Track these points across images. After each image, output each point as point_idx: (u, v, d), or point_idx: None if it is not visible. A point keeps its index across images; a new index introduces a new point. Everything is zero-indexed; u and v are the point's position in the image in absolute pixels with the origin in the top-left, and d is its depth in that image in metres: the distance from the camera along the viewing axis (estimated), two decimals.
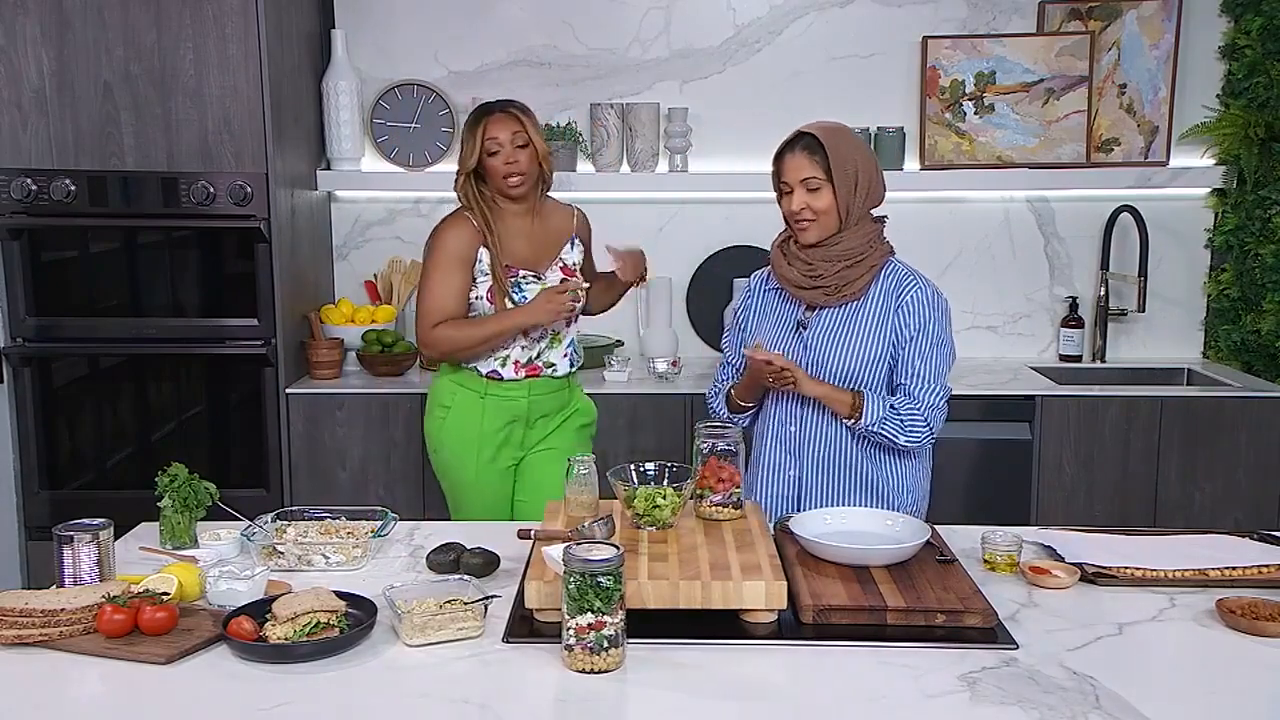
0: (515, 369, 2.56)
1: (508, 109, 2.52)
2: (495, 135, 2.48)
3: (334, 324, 3.46)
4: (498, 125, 2.49)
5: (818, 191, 2.13)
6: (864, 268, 2.17)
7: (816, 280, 2.18)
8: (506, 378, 2.55)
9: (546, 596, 1.61)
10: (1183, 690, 1.48)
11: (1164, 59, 3.51)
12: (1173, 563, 1.82)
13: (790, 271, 2.22)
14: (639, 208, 3.62)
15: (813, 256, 2.18)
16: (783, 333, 2.25)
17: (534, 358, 2.58)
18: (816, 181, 2.13)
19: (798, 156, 2.15)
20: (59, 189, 3.09)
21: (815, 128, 2.16)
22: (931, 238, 3.64)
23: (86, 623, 1.59)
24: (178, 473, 1.96)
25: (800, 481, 2.23)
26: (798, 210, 2.15)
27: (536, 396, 2.58)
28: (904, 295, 2.19)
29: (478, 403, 2.56)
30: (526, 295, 2.52)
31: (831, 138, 2.14)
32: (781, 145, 2.19)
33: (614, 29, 3.57)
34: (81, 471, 3.28)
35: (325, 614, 1.57)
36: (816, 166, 2.13)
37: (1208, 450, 3.17)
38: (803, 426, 2.22)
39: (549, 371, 2.59)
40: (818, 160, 2.13)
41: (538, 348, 2.58)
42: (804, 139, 2.15)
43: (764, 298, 2.33)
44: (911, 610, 1.62)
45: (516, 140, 2.49)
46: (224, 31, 3.06)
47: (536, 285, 2.53)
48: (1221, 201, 3.55)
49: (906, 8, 3.53)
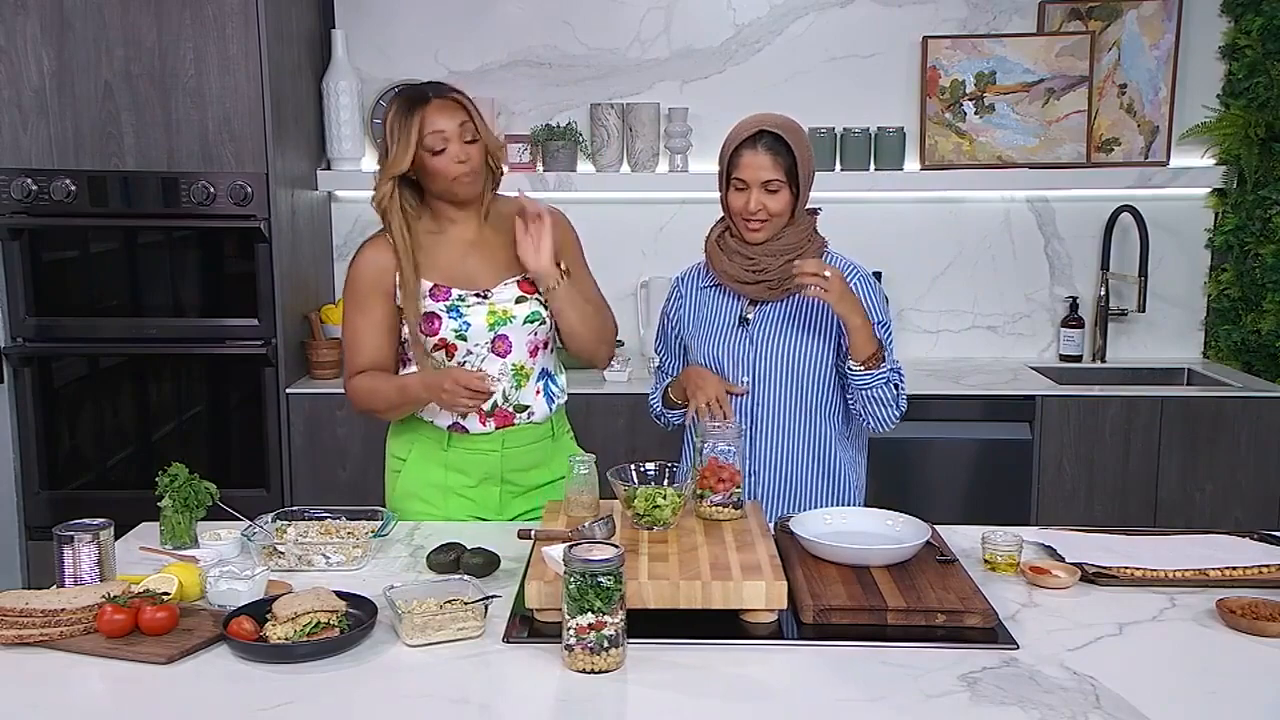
0: (480, 420, 2.10)
1: (446, 94, 2.04)
2: (440, 128, 2.00)
3: (334, 324, 3.45)
4: (440, 115, 2.01)
5: (776, 194, 2.06)
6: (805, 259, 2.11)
7: (760, 275, 2.13)
8: (473, 431, 2.11)
9: (547, 596, 1.61)
10: (1183, 690, 1.47)
11: (1164, 59, 3.51)
12: (1173, 563, 1.82)
13: (732, 267, 2.15)
14: (639, 208, 3.62)
15: (754, 251, 2.12)
16: (726, 330, 2.20)
17: (499, 403, 2.10)
18: (777, 184, 2.05)
19: (760, 155, 2.05)
20: (59, 189, 3.09)
21: (777, 125, 2.06)
22: (931, 238, 3.64)
23: (87, 623, 1.59)
24: (178, 473, 1.96)
25: (750, 479, 2.19)
26: (754, 211, 2.06)
27: (511, 449, 2.13)
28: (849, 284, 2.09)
29: (439, 455, 2.12)
30: (469, 321, 2.06)
31: (796, 138, 2.06)
32: (739, 140, 2.07)
33: (614, 29, 3.57)
34: (81, 471, 3.28)
35: (326, 614, 1.57)
36: (779, 168, 2.04)
37: (1208, 450, 3.17)
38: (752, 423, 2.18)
39: (524, 417, 2.12)
40: (780, 161, 2.04)
41: (500, 389, 2.09)
42: (765, 137, 2.05)
43: (699, 296, 2.26)
44: (912, 610, 1.62)
45: (465, 133, 2.02)
46: (224, 31, 3.06)
47: (483, 307, 2.07)
48: (1222, 201, 3.55)
49: (906, 8, 3.53)
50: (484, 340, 2.08)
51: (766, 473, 2.21)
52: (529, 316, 2.10)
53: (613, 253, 3.51)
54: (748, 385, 2.18)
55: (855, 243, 3.69)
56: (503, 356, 2.10)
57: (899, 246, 3.63)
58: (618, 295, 3.62)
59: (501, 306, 2.09)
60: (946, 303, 3.68)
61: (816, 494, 2.21)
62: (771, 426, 2.19)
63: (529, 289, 2.11)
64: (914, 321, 3.69)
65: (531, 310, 2.10)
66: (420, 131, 2.00)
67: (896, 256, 3.62)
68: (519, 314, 2.09)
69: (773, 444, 2.19)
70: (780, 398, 2.17)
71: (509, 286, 2.10)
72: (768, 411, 2.18)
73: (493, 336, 2.08)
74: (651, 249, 3.65)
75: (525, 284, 2.11)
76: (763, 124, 2.06)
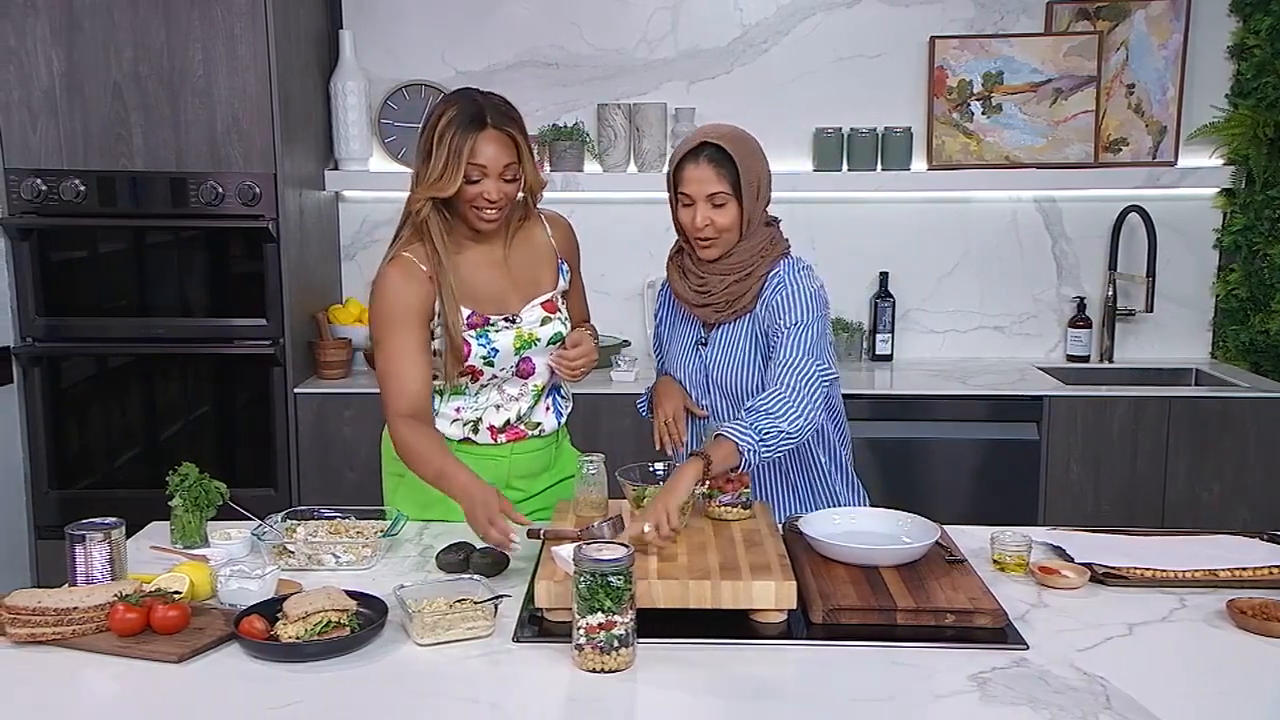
0: (492, 435, 2.09)
1: (502, 126, 1.92)
2: (483, 162, 1.91)
3: (342, 324, 3.46)
4: (490, 146, 1.90)
5: (723, 207, 1.97)
6: (753, 279, 2.02)
7: (707, 297, 2.05)
8: (481, 442, 2.09)
9: (556, 596, 1.61)
10: (1193, 691, 1.47)
11: (1172, 59, 3.50)
12: (1183, 563, 1.82)
13: (683, 288, 2.09)
14: (646, 208, 3.62)
15: (704, 270, 2.04)
16: (685, 350, 2.15)
17: (513, 420, 2.10)
18: (723, 197, 1.96)
19: (702, 168, 1.96)
20: (69, 189, 3.10)
21: (720, 136, 1.97)
22: (938, 238, 3.64)
23: (99, 621, 1.59)
24: (188, 472, 1.96)
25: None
26: (701, 226, 1.97)
27: (518, 457, 2.12)
28: (769, 301, 2.02)
29: None
30: (497, 347, 2.02)
31: (739, 149, 1.96)
32: (682, 152, 1.99)
33: (621, 29, 3.57)
34: (90, 471, 3.29)
35: (336, 613, 1.58)
36: (723, 180, 1.95)
37: (1216, 451, 3.17)
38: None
39: (534, 432, 2.13)
40: (724, 174, 1.95)
41: (516, 408, 2.09)
42: (708, 149, 1.96)
43: (672, 309, 2.21)
44: (921, 610, 1.62)
45: (506, 173, 1.93)
46: (233, 32, 3.07)
47: (511, 331, 2.03)
48: (1230, 201, 3.55)
49: (914, 8, 3.53)
50: (509, 364, 2.06)
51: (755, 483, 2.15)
52: (552, 337, 2.09)
53: (619, 253, 3.52)
54: (706, 409, 2.13)
55: (862, 243, 3.73)
56: (525, 378, 2.10)
57: (906, 247, 3.63)
58: (624, 295, 3.64)
59: (528, 330, 2.06)
60: (954, 303, 3.68)
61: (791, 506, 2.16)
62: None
63: (551, 308, 2.09)
64: (921, 321, 3.69)
65: (555, 331, 2.09)
66: (467, 159, 1.90)
67: (903, 257, 3.62)
68: (544, 335, 2.08)
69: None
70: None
71: (534, 309, 2.07)
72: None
73: (518, 360, 2.07)
74: (658, 249, 3.59)
75: (548, 304, 2.09)
76: (706, 136, 1.99)
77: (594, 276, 2.23)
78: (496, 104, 1.95)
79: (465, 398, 2.08)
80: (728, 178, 1.96)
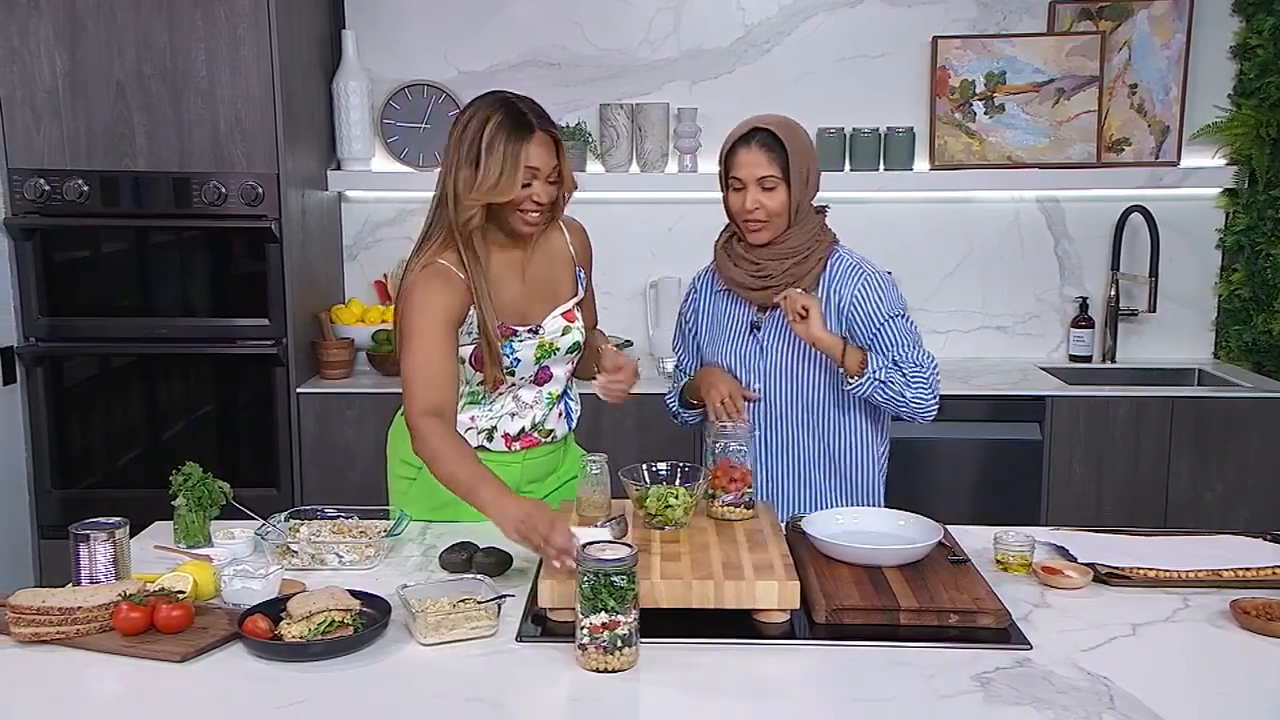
0: (506, 442, 2.09)
1: (547, 129, 1.92)
2: (537, 165, 1.90)
3: (344, 324, 3.47)
4: (541, 150, 1.91)
5: (773, 191, 2.05)
6: (812, 262, 2.10)
7: (765, 280, 2.11)
8: (495, 450, 2.09)
9: (560, 596, 1.61)
10: (1197, 691, 1.47)
11: (1175, 59, 3.50)
12: (1186, 563, 1.82)
13: (737, 273, 2.14)
14: (648, 208, 3.63)
15: (759, 256, 2.11)
16: (737, 336, 2.19)
17: (526, 429, 2.10)
18: (773, 181, 2.04)
19: (754, 152, 2.04)
20: (72, 189, 3.11)
21: (771, 122, 2.06)
22: (941, 238, 3.64)
23: (103, 620, 1.59)
24: (192, 472, 1.97)
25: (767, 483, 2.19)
26: (751, 209, 2.05)
27: (530, 462, 2.13)
28: (858, 284, 2.11)
29: None
30: (520, 357, 2.02)
31: (789, 134, 2.05)
32: (734, 139, 2.08)
33: (623, 29, 3.57)
34: (93, 470, 3.30)
35: (340, 613, 1.58)
36: (774, 165, 2.03)
37: (1218, 451, 3.16)
38: (765, 427, 2.17)
39: (547, 439, 2.14)
40: (775, 158, 2.03)
41: (531, 415, 2.09)
42: (759, 134, 2.05)
43: (712, 301, 2.25)
44: (924, 610, 1.62)
45: (552, 175, 1.94)
46: (236, 32, 3.07)
47: (533, 340, 2.03)
48: (1233, 201, 3.55)
49: (916, 8, 3.53)
50: (529, 373, 2.07)
51: (782, 477, 2.20)
52: (571, 347, 2.10)
53: (621, 253, 3.52)
54: (760, 392, 2.17)
55: (864, 243, 3.68)
56: (541, 385, 2.11)
57: (908, 247, 3.63)
58: (626, 295, 3.64)
59: (550, 339, 2.06)
60: (956, 303, 3.68)
61: (833, 496, 2.20)
62: (785, 431, 2.18)
63: (571, 318, 2.10)
64: (923, 321, 3.65)
65: (574, 341, 2.10)
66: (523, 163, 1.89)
67: (906, 257, 3.62)
68: (564, 345, 2.08)
69: (787, 449, 2.19)
70: (792, 402, 2.16)
71: (555, 319, 2.08)
72: (781, 417, 2.18)
73: (537, 369, 2.08)
74: (660, 249, 3.65)
75: (568, 314, 2.10)
76: (757, 122, 2.07)
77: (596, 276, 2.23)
78: (533, 107, 1.94)
79: (480, 406, 2.08)
80: (778, 162, 2.04)
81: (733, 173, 2.08)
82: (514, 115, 1.90)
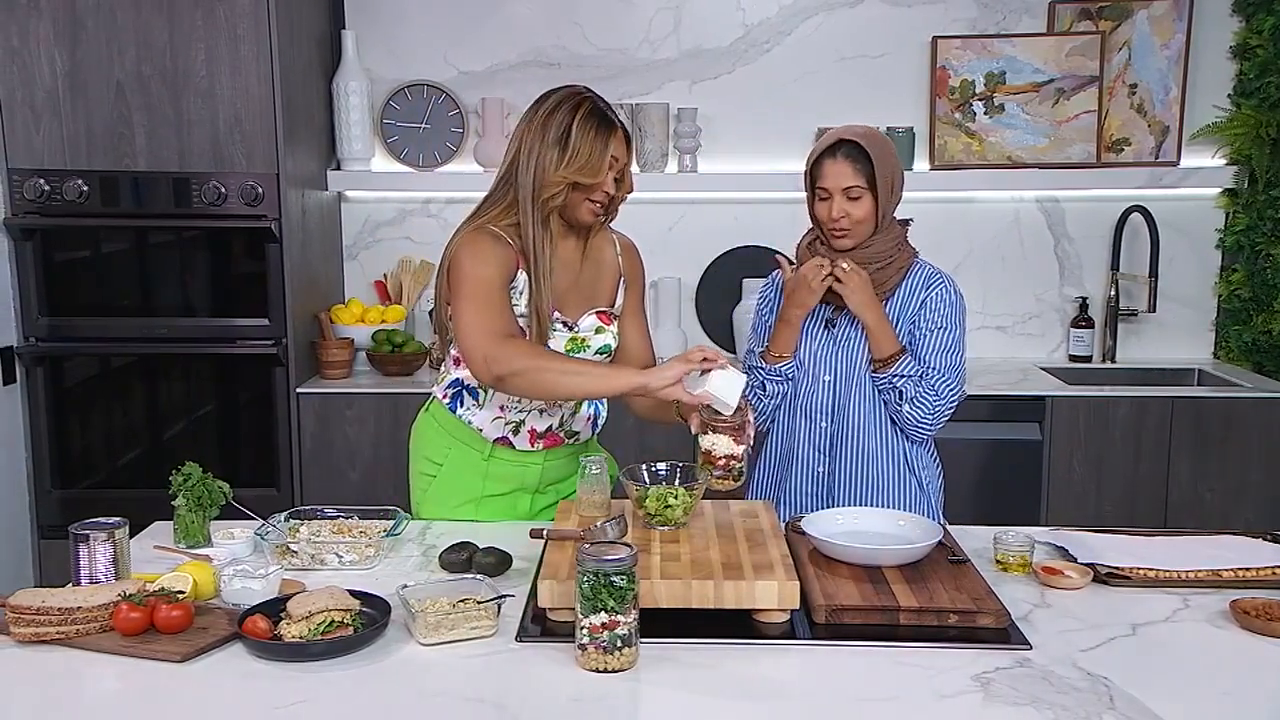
0: (531, 439, 2.11)
1: (625, 129, 2.04)
2: (618, 156, 2.00)
3: (344, 324, 3.47)
4: (621, 145, 2.01)
5: (858, 200, 2.12)
6: (893, 269, 2.18)
7: None
8: (519, 447, 2.11)
9: (560, 595, 1.61)
10: (1197, 691, 1.47)
11: (1175, 59, 3.50)
12: (1186, 563, 1.82)
13: None
14: (648, 208, 3.62)
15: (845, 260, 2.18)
16: (811, 330, 2.24)
17: (554, 427, 2.13)
18: (859, 191, 2.11)
19: (840, 163, 2.12)
20: (71, 189, 3.11)
21: (857, 134, 2.13)
22: (941, 238, 3.63)
23: (103, 621, 1.59)
24: (192, 472, 1.96)
25: (831, 479, 2.23)
26: (837, 218, 2.13)
27: (552, 463, 2.15)
28: (932, 290, 2.20)
29: (479, 465, 2.10)
30: (551, 346, 2.04)
31: (876, 146, 2.12)
32: (821, 150, 2.15)
33: (623, 29, 3.57)
34: (93, 470, 3.30)
35: (340, 613, 1.58)
36: (859, 175, 2.11)
37: (1218, 451, 3.17)
38: (835, 422, 2.22)
39: (571, 441, 2.16)
40: (861, 169, 2.11)
41: (559, 414, 2.12)
42: (845, 146, 2.12)
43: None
44: (924, 610, 1.62)
45: (621, 171, 2.04)
46: (235, 32, 3.07)
47: (564, 334, 2.06)
48: (1233, 201, 3.55)
49: (916, 8, 3.53)
50: None
51: (853, 472, 2.23)
52: (601, 348, 2.11)
53: None
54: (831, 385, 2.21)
55: None
56: None
57: None
58: None
59: (581, 335, 2.09)
60: None
61: (900, 492, 2.22)
62: (856, 427, 2.21)
63: (606, 320, 2.12)
64: None
65: (605, 343, 2.11)
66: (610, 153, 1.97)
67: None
68: (594, 344, 2.10)
69: (857, 444, 2.21)
70: (863, 399, 2.20)
71: (590, 317, 2.10)
72: (852, 412, 2.21)
73: None
74: (660, 249, 3.64)
75: (604, 315, 2.12)
76: (843, 134, 2.14)
77: None
78: (610, 107, 2.04)
79: (511, 399, 2.07)
80: (863, 173, 2.11)
81: (819, 183, 2.15)
82: (600, 108, 2.01)
